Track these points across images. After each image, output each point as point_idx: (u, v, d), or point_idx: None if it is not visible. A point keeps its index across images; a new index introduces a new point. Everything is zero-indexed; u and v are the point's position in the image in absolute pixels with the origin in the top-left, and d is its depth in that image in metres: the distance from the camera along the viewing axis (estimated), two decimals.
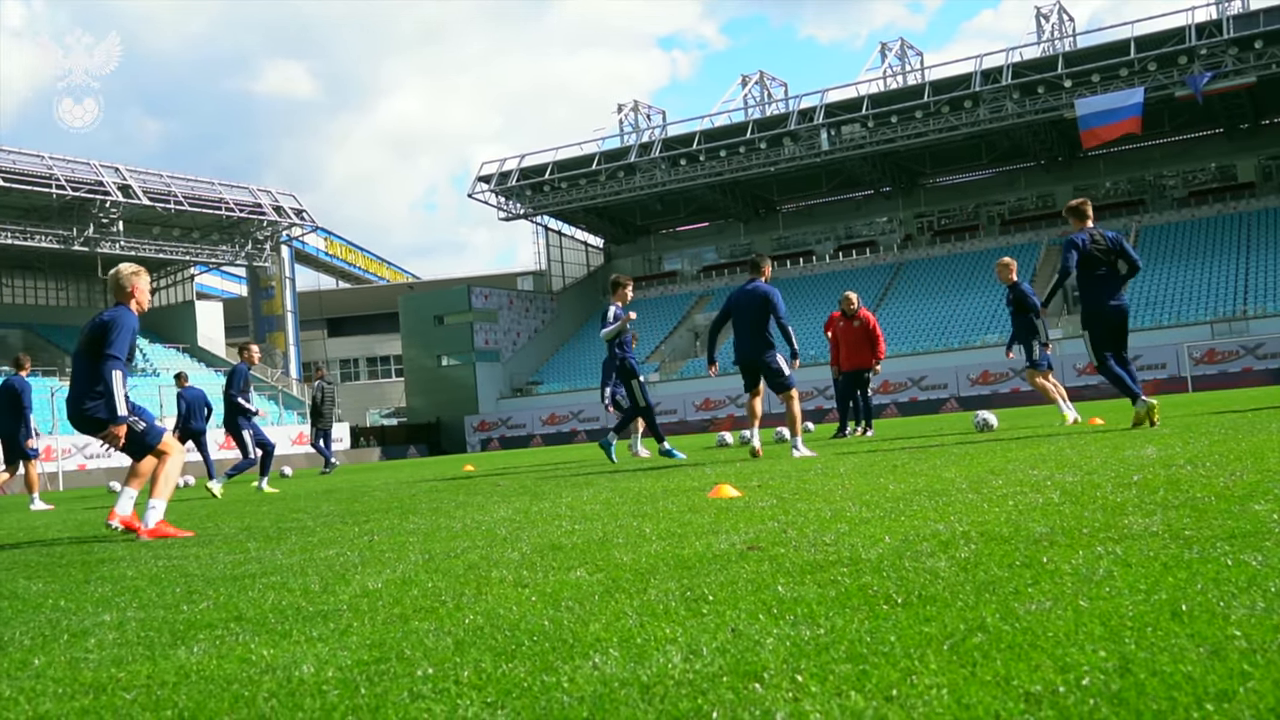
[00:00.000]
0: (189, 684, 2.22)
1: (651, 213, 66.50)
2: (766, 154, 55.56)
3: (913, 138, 52.54)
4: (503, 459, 23.11)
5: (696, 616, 2.49)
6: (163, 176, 51.65)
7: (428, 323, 60.76)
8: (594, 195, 60.62)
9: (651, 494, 6.66)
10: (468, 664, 2.19)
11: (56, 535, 7.55)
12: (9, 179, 45.07)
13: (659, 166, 58.09)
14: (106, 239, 49.97)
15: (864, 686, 1.78)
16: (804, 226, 65.03)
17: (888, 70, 56.84)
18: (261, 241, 56.89)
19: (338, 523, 6.52)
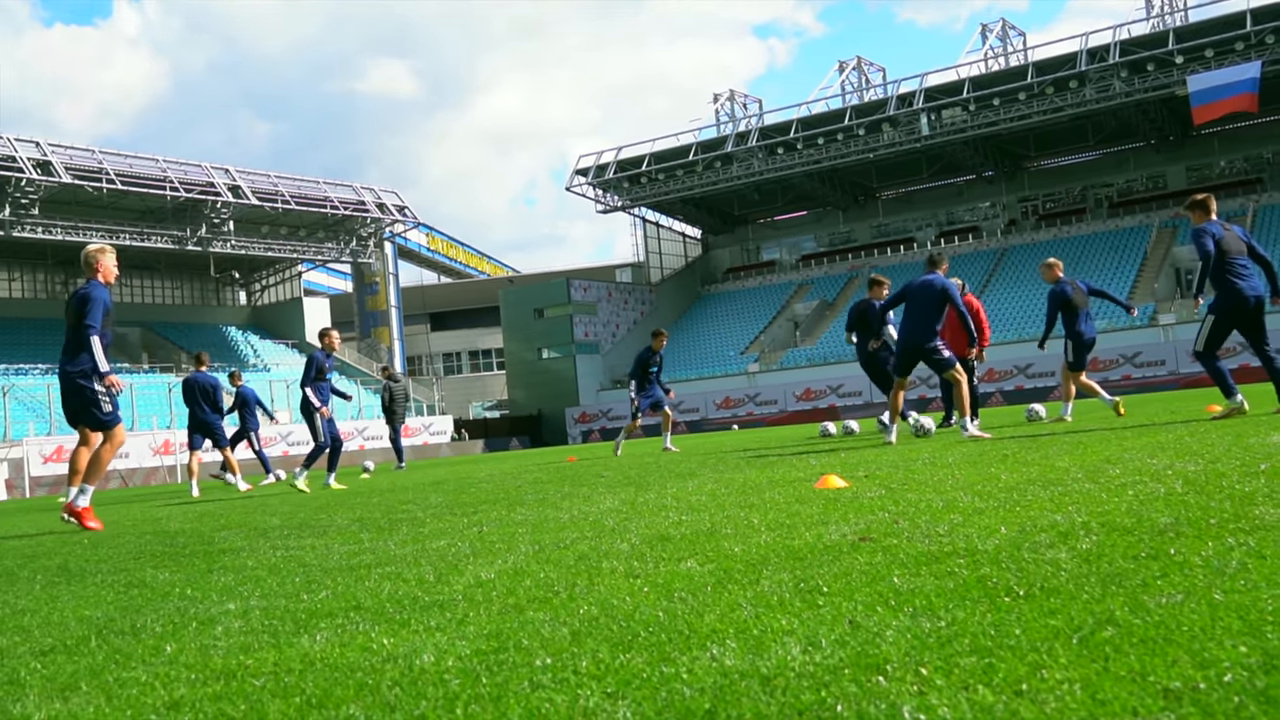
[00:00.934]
0: (314, 671, 2.26)
1: (749, 202, 66.22)
2: (865, 140, 54.88)
3: (1016, 120, 51.42)
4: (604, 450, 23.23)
5: (812, 608, 2.47)
6: (270, 177, 52.96)
7: (528, 316, 61.39)
8: (691, 186, 60.55)
9: (757, 485, 6.63)
10: (585, 654, 2.20)
11: (179, 526, 7.80)
12: (127, 182, 46.67)
13: (756, 156, 57.77)
14: (218, 238, 51.43)
15: (991, 680, 1.75)
16: (904, 213, 64.12)
17: (989, 52, 55.71)
18: (365, 238, 58.01)
19: (447, 514, 6.62)
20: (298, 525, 6.78)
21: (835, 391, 50.11)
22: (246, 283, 63.04)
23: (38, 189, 44.14)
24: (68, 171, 44.65)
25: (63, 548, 6.56)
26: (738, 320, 61.97)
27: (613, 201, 63.62)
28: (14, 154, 43.54)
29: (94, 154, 47.00)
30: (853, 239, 65.26)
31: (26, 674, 2.51)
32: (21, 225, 45.12)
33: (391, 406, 21.45)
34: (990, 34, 56.40)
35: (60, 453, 39.22)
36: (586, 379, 59.19)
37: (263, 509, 9.34)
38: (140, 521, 9.07)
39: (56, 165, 44.23)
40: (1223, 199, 50.49)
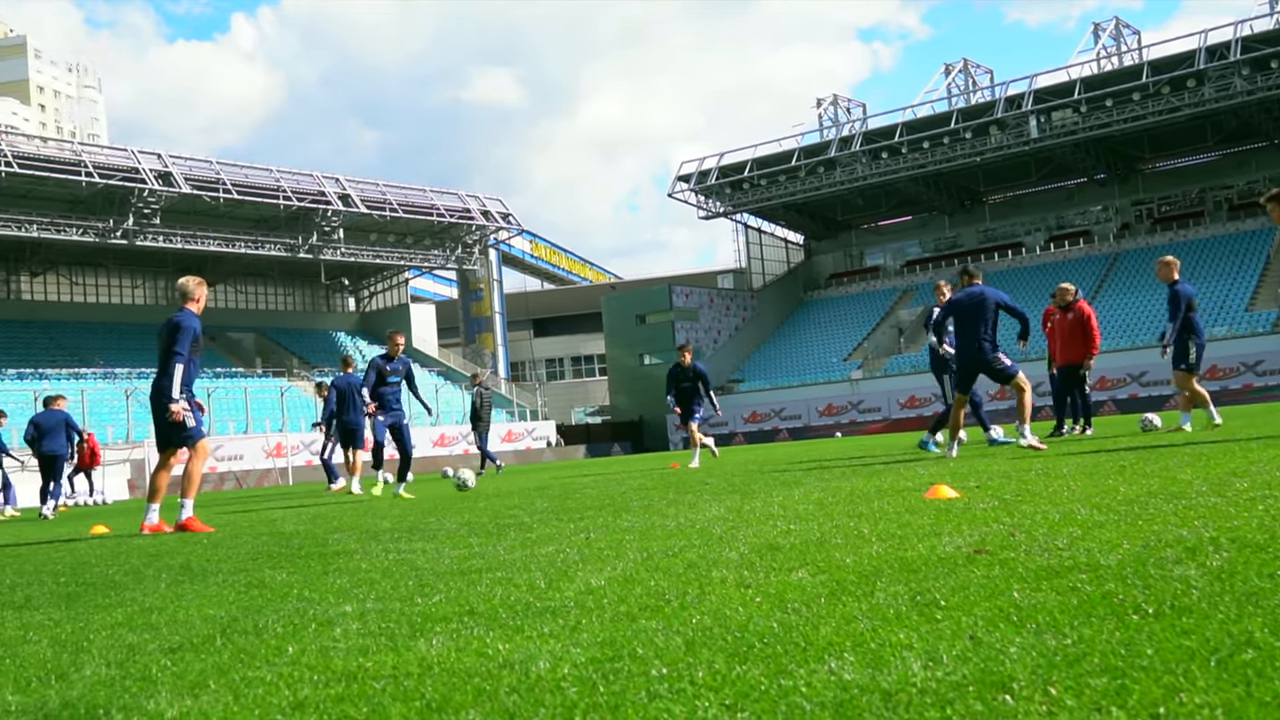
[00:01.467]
0: (433, 676, 2.29)
1: (852, 207, 65.57)
2: (972, 144, 53.96)
3: (1130, 121, 50.06)
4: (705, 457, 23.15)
5: (930, 622, 2.42)
6: (379, 185, 54.10)
7: (630, 322, 61.65)
8: (793, 191, 60.20)
9: (865, 494, 6.55)
10: (701, 664, 2.19)
11: (293, 528, 7.98)
12: (242, 192, 48.10)
13: (859, 160, 57.20)
14: (328, 246, 52.66)
15: (1125, 703, 1.69)
16: (1012, 217, 62.85)
17: (1101, 51, 54.35)
18: (470, 245, 58.87)
19: (553, 519, 6.66)
20: (407, 529, 6.89)
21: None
22: (355, 289, 64.43)
23: (159, 199, 45.74)
24: (187, 182, 46.19)
25: (184, 547, 6.77)
26: (840, 326, 61.39)
27: (715, 207, 63.55)
28: (137, 165, 45.20)
29: (211, 165, 48.55)
30: (959, 244, 64.16)
31: (157, 671, 2.59)
32: (144, 234, 46.78)
33: (479, 412, 21.79)
34: (1103, 33, 55.01)
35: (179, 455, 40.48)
36: None
37: (372, 512, 9.52)
38: (256, 523, 9.31)
39: (176, 176, 45.78)
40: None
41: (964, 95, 57.59)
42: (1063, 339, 14.62)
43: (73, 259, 52.00)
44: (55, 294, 53.77)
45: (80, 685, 2.50)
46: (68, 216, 45.55)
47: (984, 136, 53.70)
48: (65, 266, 52.98)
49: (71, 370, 46.67)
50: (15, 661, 2.90)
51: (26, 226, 44.15)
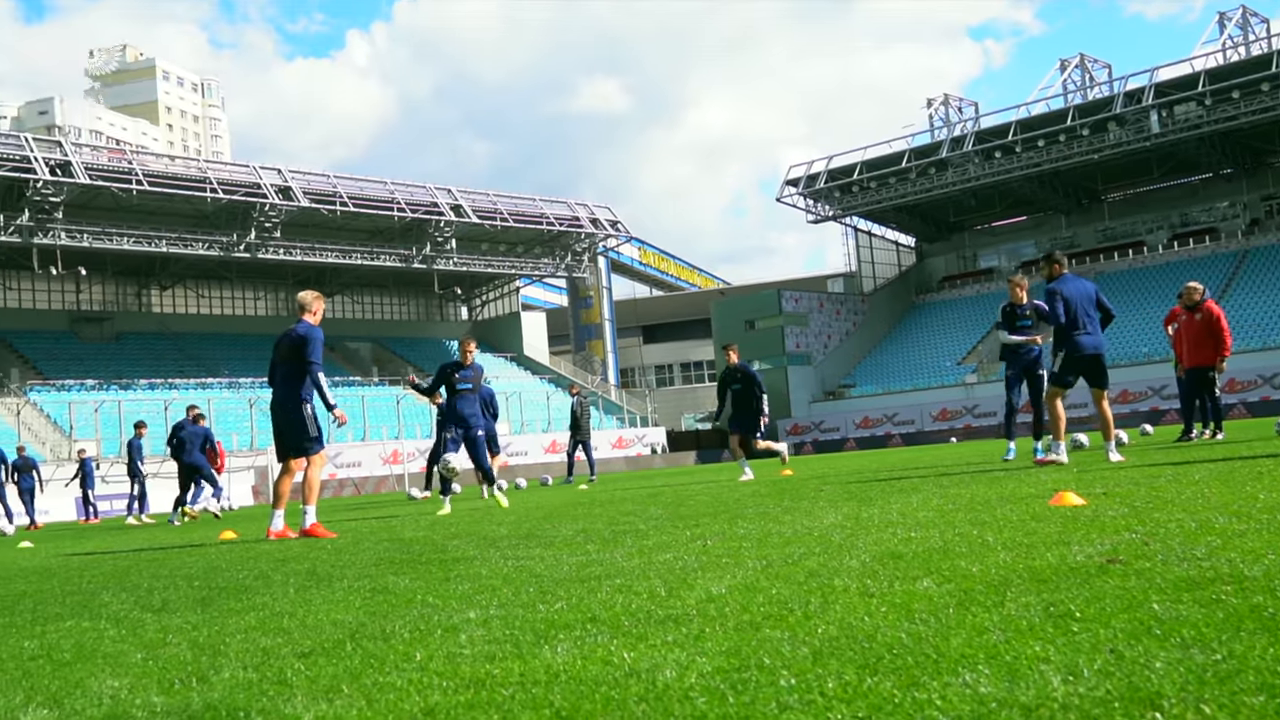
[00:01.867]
0: (560, 684, 2.30)
1: (965, 208, 64.40)
2: (1089, 141, 52.57)
3: (1259, 113, 48.22)
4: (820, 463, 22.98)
5: (1066, 634, 2.35)
6: (489, 195, 54.90)
7: (739, 327, 61.44)
8: (904, 193, 59.39)
9: (986, 500, 6.41)
10: (830, 675, 2.16)
11: (413, 535, 8.13)
12: (358, 204, 49.27)
13: (972, 160, 56.16)
14: (441, 256, 53.60)
15: None
16: (1133, 215, 61.02)
17: (1227, 42, 52.47)
18: (580, 253, 59.34)
19: (668, 526, 6.66)
20: (524, 535, 6.96)
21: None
22: (468, 298, 65.46)
23: (279, 213, 47.12)
24: (306, 196, 47.51)
25: (309, 553, 6.94)
26: (954, 329, 60.31)
27: (824, 211, 63.03)
28: (259, 181, 46.67)
29: (328, 178, 49.84)
30: (1076, 244, 62.50)
31: (292, 674, 2.65)
32: (265, 247, 48.23)
33: (580, 421, 22.03)
34: (1229, 22, 53.12)
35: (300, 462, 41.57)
36: (798, 391, 58.75)
37: (489, 519, 9.64)
38: (376, 529, 9.51)
39: (296, 190, 47.13)
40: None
41: (1080, 91, 56.13)
42: (1190, 341, 14.11)
43: (199, 272, 53.85)
44: (183, 306, 55.76)
45: (220, 688, 2.57)
46: (194, 231, 47.22)
47: (1102, 133, 52.27)
48: (192, 280, 54.88)
49: (199, 380, 48.34)
50: (158, 664, 3.00)
51: (156, 242, 45.87)
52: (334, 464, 42.79)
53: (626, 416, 56.52)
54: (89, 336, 51.39)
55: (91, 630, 3.88)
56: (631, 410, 57.69)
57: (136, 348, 51.46)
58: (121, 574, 6.51)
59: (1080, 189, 61.37)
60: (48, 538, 16.16)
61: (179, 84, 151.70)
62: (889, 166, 58.74)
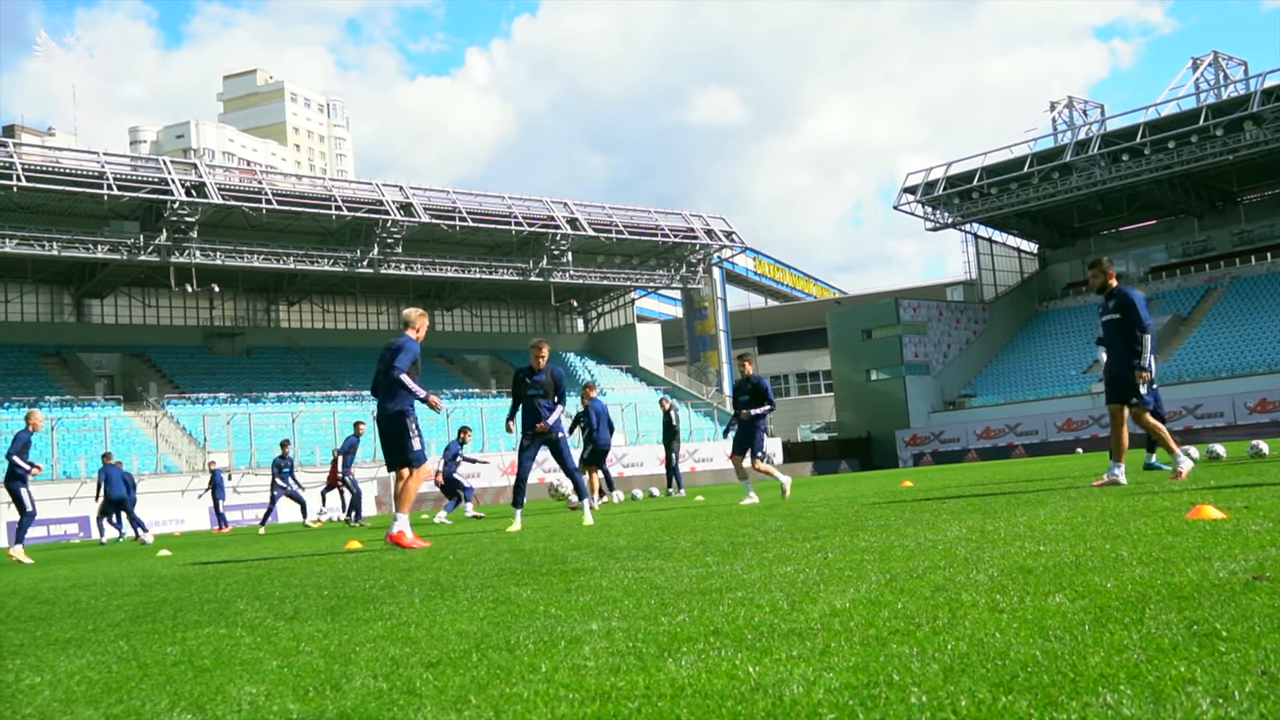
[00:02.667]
0: (685, 698, 2.29)
1: (1090, 213, 62.63)
2: (1223, 141, 50.67)
3: None
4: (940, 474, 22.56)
5: (1212, 655, 2.25)
6: (605, 208, 55.31)
7: (855, 337, 60.75)
8: (1026, 199, 58.04)
9: (1119, 513, 6.20)
10: (963, 693, 2.10)
11: (533, 545, 8.20)
12: (477, 219, 50.12)
13: (1097, 164, 54.62)
14: (558, 269, 54.18)
15: None
16: (1271, 218, 58.58)
17: None
18: (694, 264, 59.36)
19: (788, 539, 6.60)
20: (643, 547, 6.96)
21: (1192, 413, 46.42)
22: (584, 310, 66.01)
23: (401, 229, 48.20)
24: (426, 211, 48.52)
25: (433, 564, 7.06)
26: (1079, 337, 58.65)
27: (942, 218, 61.98)
28: (381, 198, 47.82)
29: (448, 194, 50.81)
30: (1209, 248, 60.26)
31: (421, 684, 2.69)
32: (388, 263, 49.37)
33: (676, 430, 22.54)
34: None
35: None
36: (917, 401, 57.80)
37: (606, 530, 9.68)
38: (497, 540, 9.62)
39: (416, 206, 48.16)
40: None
41: (1214, 90, 54.16)
42: None
43: (324, 288, 55.37)
44: (309, 321, 57.39)
45: (352, 696, 2.62)
46: (319, 248, 48.59)
47: (1237, 133, 50.33)
48: (317, 295, 56.46)
49: (324, 393, 49.66)
50: (292, 671, 3.08)
51: (284, 259, 47.32)
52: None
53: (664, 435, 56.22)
54: (221, 351, 53.25)
55: (228, 637, 4.00)
56: None
57: (265, 361, 53.13)
58: (254, 582, 6.71)
59: (1214, 191, 59.20)
60: (183, 546, 16.75)
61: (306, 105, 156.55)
62: (1010, 172, 57.48)
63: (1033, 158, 56.81)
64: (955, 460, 51.60)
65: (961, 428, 54.86)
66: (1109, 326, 10.02)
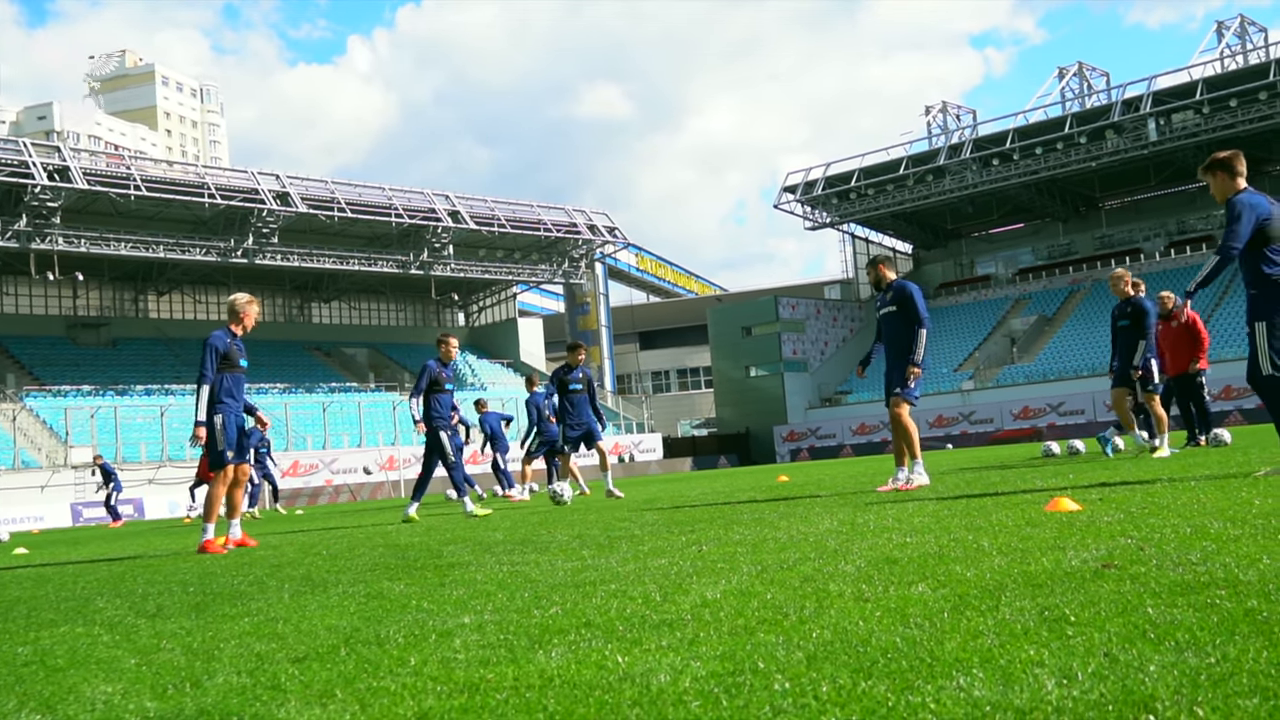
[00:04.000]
0: (553, 688, 2.29)
1: (962, 215, 64.48)
2: (1087, 148, 52.66)
3: (1256, 122, 48.33)
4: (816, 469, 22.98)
5: (1061, 638, 2.35)
6: (487, 201, 54.93)
7: (736, 334, 61.48)
8: (901, 200, 59.47)
9: (982, 506, 6.41)
10: (824, 679, 2.15)
11: (408, 540, 8.12)
12: (356, 210, 49.29)
13: (969, 168, 56.24)
14: (439, 262, 53.62)
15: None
16: (1130, 223, 61.10)
17: (1225, 50, 52.62)
18: (577, 259, 59.36)
19: (664, 532, 6.65)
20: (520, 541, 6.95)
21: (1056, 410, 48.15)
22: (465, 304, 65.46)
23: (277, 219, 47.12)
24: (303, 201, 47.52)
25: (305, 559, 6.93)
26: (951, 337, 60.36)
27: (821, 218, 63.10)
28: (257, 186, 46.67)
29: (326, 184, 49.85)
30: (1073, 251, 62.58)
31: (286, 679, 2.64)
32: (263, 253, 48.23)
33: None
34: (1227, 31, 53.26)
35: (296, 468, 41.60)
36: (794, 397, 58.76)
37: (485, 524, 9.63)
38: (372, 535, 9.49)
39: (294, 196, 47.14)
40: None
41: (1079, 99, 56.24)
42: (1171, 349, 14.09)
43: (196, 278, 53.84)
44: (180, 312, 55.70)
45: (213, 693, 2.57)
46: (191, 237, 47.21)
47: (1100, 141, 52.36)
48: (189, 285, 54.87)
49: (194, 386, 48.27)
50: (151, 669, 2.99)
51: (154, 247, 45.85)
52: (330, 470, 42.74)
53: (623, 423, 56.49)
54: (85, 342, 51.35)
55: (85, 636, 3.87)
56: (628, 416, 57.67)
57: (133, 353, 51.41)
58: (116, 580, 6.50)
59: (1078, 196, 61.48)
60: (42, 544, 16.15)
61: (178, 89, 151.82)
62: (887, 174, 58.83)
63: (908, 160, 58.24)
64: (831, 456, 52.61)
65: (838, 424, 55.95)
66: (887, 320, 10.11)
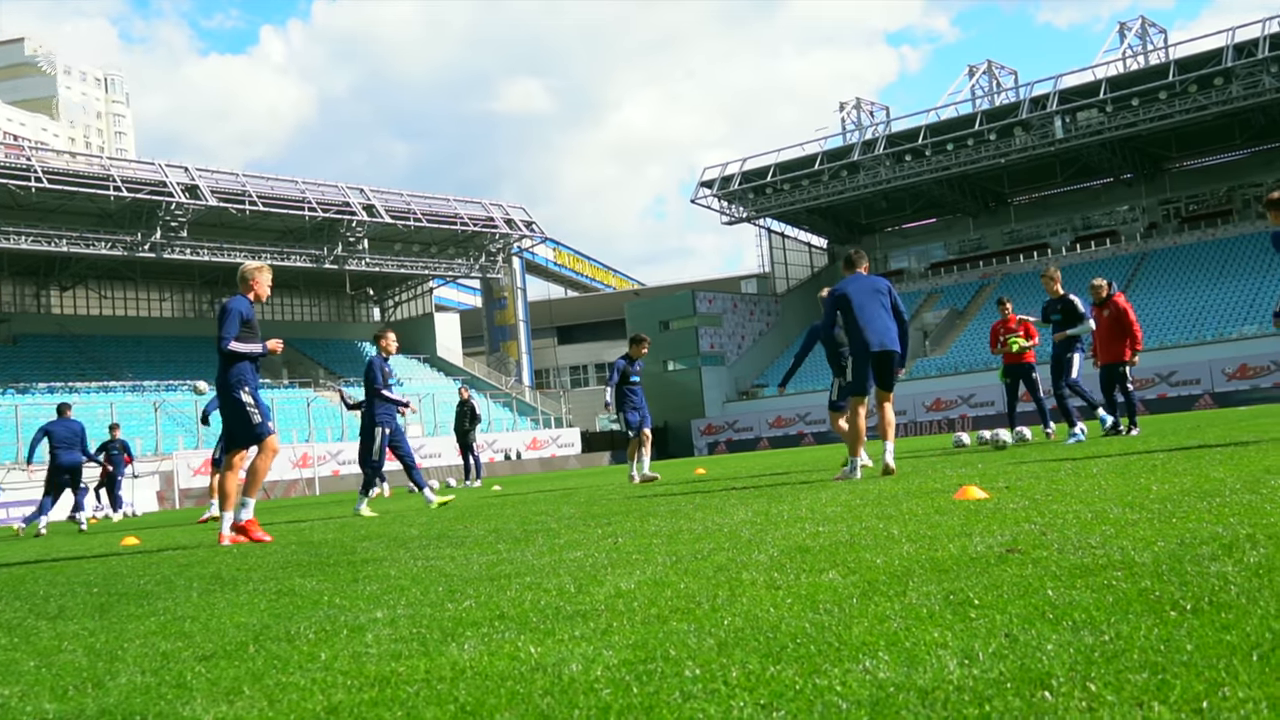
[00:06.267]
0: (466, 680, 2.29)
1: (876, 211, 65.36)
2: (996, 145, 53.70)
3: (1156, 120, 49.70)
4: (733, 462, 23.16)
5: (964, 621, 2.41)
6: (403, 195, 54.32)
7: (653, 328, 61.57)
8: (817, 196, 60.06)
9: (893, 496, 6.52)
10: (734, 665, 2.18)
11: (322, 537, 8.01)
12: (268, 204, 48.38)
13: (883, 164, 57.02)
14: (353, 256, 52.92)
15: (1167, 698, 1.67)
16: (1038, 219, 62.46)
17: (1127, 51, 53.99)
18: (494, 254, 58.99)
19: (580, 525, 6.66)
20: (435, 536, 6.91)
21: (967, 401, 49.06)
22: (380, 299, 64.70)
23: (186, 212, 46.08)
24: (214, 195, 46.51)
25: (215, 557, 6.81)
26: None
27: (738, 213, 63.49)
28: (165, 179, 45.57)
29: (238, 177, 48.88)
30: (984, 246, 63.81)
31: (192, 677, 2.60)
32: (171, 247, 47.14)
33: (473, 421, 22.81)
34: (1129, 32, 54.63)
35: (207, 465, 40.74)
36: (712, 391, 59.11)
37: (400, 520, 9.55)
38: (285, 531, 9.35)
39: (203, 189, 46.11)
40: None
41: (988, 97, 57.31)
42: (1101, 337, 14.25)
43: (101, 273, 52.45)
44: (84, 308, 54.24)
45: (116, 693, 2.51)
46: (96, 231, 45.96)
47: (1008, 138, 53.43)
48: (94, 280, 53.43)
49: (100, 383, 47.08)
50: (51, 670, 2.92)
51: (56, 241, 44.56)
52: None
53: (541, 418, 56.35)
54: None
55: None
56: (546, 411, 57.53)
57: (34, 350, 49.92)
58: (16, 582, 6.32)
59: (988, 192, 62.67)
60: None
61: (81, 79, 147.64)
62: (802, 169, 59.38)
63: (823, 156, 58.83)
64: (748, 449, 53.03)
65: (755, 417, 56.41)
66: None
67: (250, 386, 8.36)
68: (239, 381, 8.33)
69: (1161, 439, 11.53)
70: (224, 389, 8.36)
